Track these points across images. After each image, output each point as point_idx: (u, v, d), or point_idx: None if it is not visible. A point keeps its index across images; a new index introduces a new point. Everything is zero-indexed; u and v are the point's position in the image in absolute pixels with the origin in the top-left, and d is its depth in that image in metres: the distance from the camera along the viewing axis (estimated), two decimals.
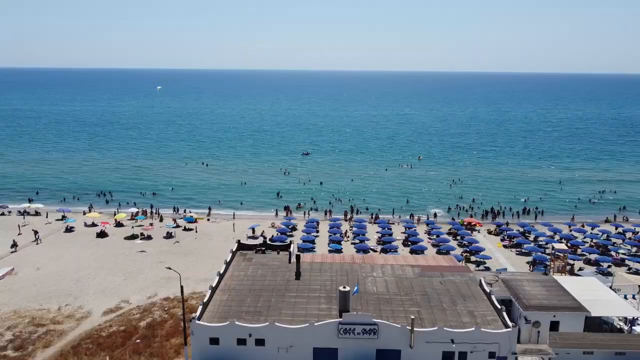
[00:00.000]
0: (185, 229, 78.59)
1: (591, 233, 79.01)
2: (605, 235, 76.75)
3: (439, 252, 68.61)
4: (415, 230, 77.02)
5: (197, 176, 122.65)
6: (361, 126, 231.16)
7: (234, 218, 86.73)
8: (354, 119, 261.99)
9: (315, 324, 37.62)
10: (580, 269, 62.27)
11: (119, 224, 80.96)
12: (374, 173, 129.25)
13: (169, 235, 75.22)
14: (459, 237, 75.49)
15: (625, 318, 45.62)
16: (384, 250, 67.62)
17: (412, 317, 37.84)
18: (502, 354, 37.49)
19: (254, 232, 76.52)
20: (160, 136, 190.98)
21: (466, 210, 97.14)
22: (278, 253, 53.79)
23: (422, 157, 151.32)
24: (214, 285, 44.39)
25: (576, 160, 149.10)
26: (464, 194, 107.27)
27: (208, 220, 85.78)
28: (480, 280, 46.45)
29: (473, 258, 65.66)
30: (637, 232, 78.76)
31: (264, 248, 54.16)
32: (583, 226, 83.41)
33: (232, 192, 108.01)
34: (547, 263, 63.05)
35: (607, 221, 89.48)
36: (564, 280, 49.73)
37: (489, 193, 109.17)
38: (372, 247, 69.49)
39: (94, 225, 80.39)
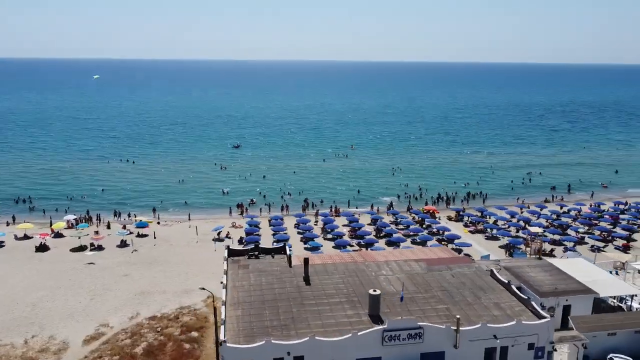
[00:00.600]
0: (139, 236, 71.25)
1: (541, 214, 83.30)
2: (556, 215, 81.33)
3: (414, 243, 68.44)
4: (384, 221, 76.32)
5: (125, 176, 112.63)
6: (283, 117, 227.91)
7: (189, 219, 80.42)
8: (276, 110, 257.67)
9: (359, 333, 34.97)
10: (552, 250, 65.11)
11: (57, 235, 71.47)
12: (313, 164, 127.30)
13: (123, 244, 67.70)
14: (426, 226, 75.91)
15: (620, 297, 47.97)
16: (368, 245, 65.72)
17: (458, 316, 36.49)
18: (540, 344, 37.46)
19: (219, 234, 71.28)
20: (65, 134, 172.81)
21: (416, 198, 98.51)
22: (273, 257, 50.05)
23: (354, 147, 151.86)
24: (225, 300, 39.94)
25: (496, 145, 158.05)
26: (407, 182, 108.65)
27: (158, 223, 78.62)
28: (492, 271, 46.39)
29: (451, 246, 66.17)
30: (581, 210, 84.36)
31: (256, 252, 50.10)
32: (529, 207, 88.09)
33: (171, 192, 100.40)
34: (521, 246, 65.29)
35: (546, 201, 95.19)
36: (556, 263, 51.27)
37: (430, 180, 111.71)
38: (350, 243, 67.62)
39: (26, 237, 70.18)
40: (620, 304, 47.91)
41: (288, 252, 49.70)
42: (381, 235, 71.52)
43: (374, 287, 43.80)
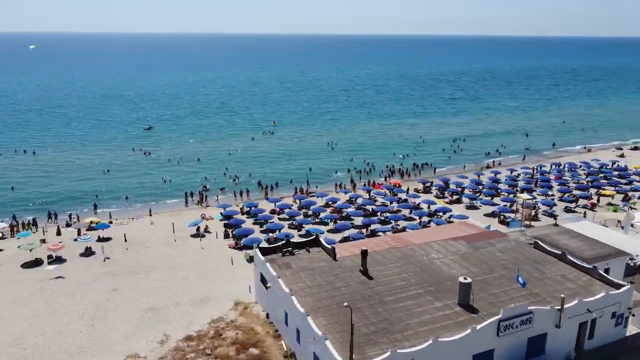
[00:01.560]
0: (100, 240, 60.68)
1: (500, 180, 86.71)
2: (513, 180, 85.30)
3: (407, 220, 67.03)
4: (367, 199, 73.94)
5: (29, 170, 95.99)
6: (180, 94, 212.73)
7: (150, 215, 70.58)
8: (171, 88, 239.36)
9: (477, 327, 32.41)
10: (536, 214, 67.93)
11: None
12: (244, 145, 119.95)
13: (88, 252, 57.06)
14: (403, 200, 74.76)
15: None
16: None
17: (562, 295, 35.53)
18: (621, 312, 38.20)
19: (199, 229, 63.39)
20: None
21: (367, 172, 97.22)
22: (308, 251, 45.19)
23: (275, 122, 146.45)
24: (299, 308, 34.75)
25: (411, 115, 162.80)
26: (351, 157, 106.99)
27: (110, 223, 67.89)
28: (537, 242, 46.41)
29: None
30: (532, 175, 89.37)
31: (290, 248, 44.86)
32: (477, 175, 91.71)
33: (101, 185, 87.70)
34: (509, 214, 67.20)
35: (487, 167, 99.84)
36: (571, 227, 53.05)
37: (370, 153, 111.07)
38: (352, 225, 64.31)
39: None
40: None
41: (325, 244, 45.24)
42: (370, 214, 69.02)
43: (435, 272, 41.52)
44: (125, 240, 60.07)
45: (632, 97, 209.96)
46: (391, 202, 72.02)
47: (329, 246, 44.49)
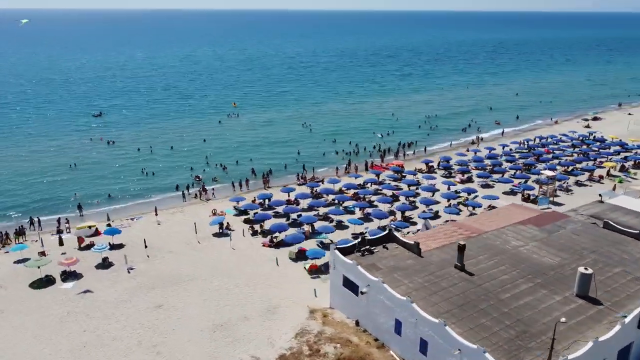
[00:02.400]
0: (111, 248, 53.14)
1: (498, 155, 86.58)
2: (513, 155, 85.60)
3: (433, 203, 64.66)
4: (388, 184, 70.93)
5: None
6: (117, 75, 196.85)
7: (156, 214, 63.16)
8: (105, 69, 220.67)
9: (626, 321, 30.66)
10: (555, 191, 68.14)
11: None
12: (213, 129, 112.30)
13: (106, 264, 49.67)
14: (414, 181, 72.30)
15: None
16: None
17: None
18: None
19: (222, 226, 57.40)
20: None
21: (356, 153, 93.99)
22: (386, 248, 41.61)
23: (236, 104, 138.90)
24: (423, 315, 31.32)
25: (372, 93, 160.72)
26: (334, 138, 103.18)
27: (109, 225, 60.06)
28: (606, 222, 45.72)
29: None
30: (530, 149, 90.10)
31: (368, 247, 41.05)
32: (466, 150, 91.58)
33: (74, 182, 77.99)
34: (533, 191, 66.84)
35: (473, 143, 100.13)
36: (617, 202, 53.24)
37: (350, 134, 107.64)
38: (391, 210, 61.13)
39: None
40: None
41: (402, 239, 41.80)
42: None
43: (528, 261, 39.55)
44: (146, 246, 52.95)
45: (566, 69, 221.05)
46: (410, 186, 69.34)
47: (411, 241, 41.07)
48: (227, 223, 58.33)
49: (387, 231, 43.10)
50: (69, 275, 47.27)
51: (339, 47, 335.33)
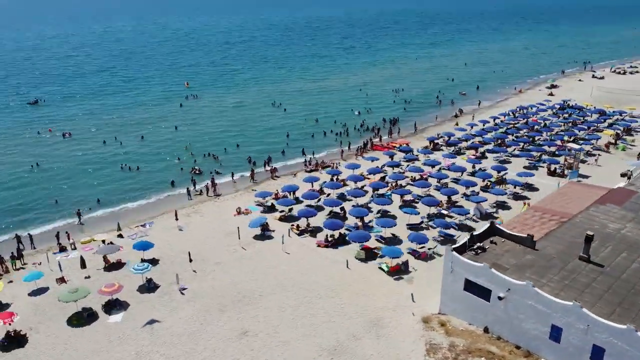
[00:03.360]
0: (147, 263, 45.16)
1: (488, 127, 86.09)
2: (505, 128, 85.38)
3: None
4: (415, 166, 67.27)
5: None
6: (32, 57, 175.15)
7: (177, 219, 55.01)
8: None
9: None
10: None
11: None
12: (177, 113, 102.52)
13: (152, 287, 42.03)
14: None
15: None
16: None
17: None
18: None
19: (263, 227, 51.01)
20: None
21: (346, 133, 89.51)
22: (494, 243, 38.32)
23: (188, 84, 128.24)
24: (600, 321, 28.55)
25: (324, 67, 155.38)
26: (315, 117, 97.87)
27: (120, 236, 51.66)
28: None
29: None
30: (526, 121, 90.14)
31: (479, 244, 37.55)
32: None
33: (45, 186, 67.10)
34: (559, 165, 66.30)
35: (456, 116, 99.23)
36: None
37: (327, 112, 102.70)
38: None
39: None
40: None
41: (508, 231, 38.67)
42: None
43: (629, 243, 37.98)
44: (191, 260, 45.50)
45: (499, 39, 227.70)
46: (433, 166, 66.37)
47: (522, 234, 37.98)
48: (267, 223, 51.90)
49: (488, 225, 39.56)
50: (113, 306, 39.29)
51: (265, 21, 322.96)
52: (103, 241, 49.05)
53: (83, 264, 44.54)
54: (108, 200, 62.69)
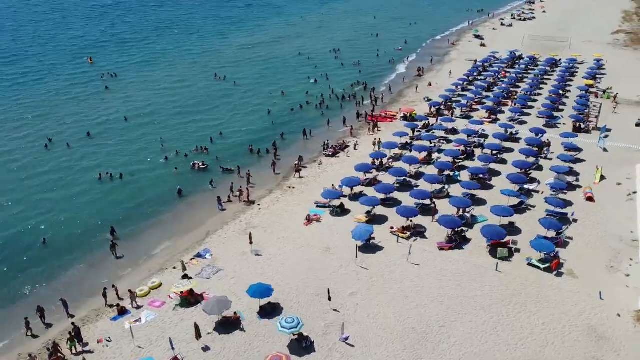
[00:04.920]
0: (264, 315, 35.02)
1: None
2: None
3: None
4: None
5: None
6: None
7: (251, 242, 43.77)
8: None
9: None
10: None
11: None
12: (110, 99, 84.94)
13: (307, 344, 32.52)
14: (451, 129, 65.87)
15: None
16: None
17: None
18: None
19: (370, 238, 42.93)
20: None
21: (318, 105, 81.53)
22: None
23: (92, 59, 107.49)
24: None
25: (242, 30, 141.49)
26: (279, 90, 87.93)
27: (186, 276, 40.17)
28: None
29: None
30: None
31: None
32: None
33: (20, 210, 50.48)
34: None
35: (419, 76, 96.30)
36: None
37: (287, 83, 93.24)
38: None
39: None
40: None
41: None
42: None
43: None
44: (330, 298, 36.16)
45: None
46: (469, 136, 62.54)
47: None
48: (373, 237, 43.61)
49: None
50: None
51: None
52: (181, 293, 37.10)
53: (198, 333, 32.89)
54: (120, 226, 48.56)
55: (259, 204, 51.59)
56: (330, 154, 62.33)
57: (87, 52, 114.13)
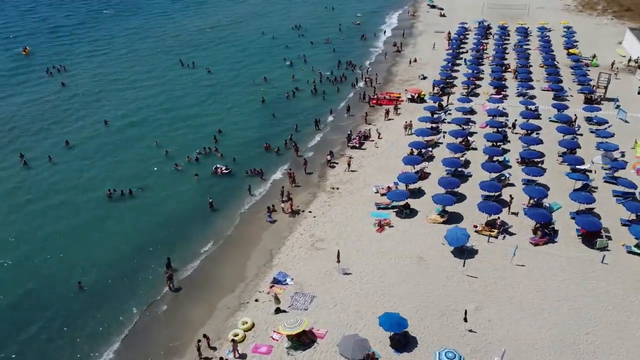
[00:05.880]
0: (399, 349, 31.31)
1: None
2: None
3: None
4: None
5: None
6: None
7: (338, 261, 39.00)
8: None
9: None
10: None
11: None
12: (76, 98, 74.28)
13: None
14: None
15: None
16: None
17: None
18: None
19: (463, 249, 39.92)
20: None
21: (313, 91, 77.12)
22: None
23: (27, 50, 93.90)
24: None
25: (191, 11, 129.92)
26: (241, 73, 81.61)
27: (279, 310, 35.43)
28: None
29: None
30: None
31: None
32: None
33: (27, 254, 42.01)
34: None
35: (397, 49, 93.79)
36: None
37: (264, 67, 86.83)
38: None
39: None
40: None
41: None
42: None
43: None
44: (466, 319, 32.79)
45: None
46: (493, 117, 60.96)
47: None
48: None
49: None
50: None
51: None
52: (297, 338, 32.23)
53: None
54: (152, 252, 41.98)
55: (309, 211, 46.78)
56: (357, 145, 58.16)
57: (19, 42, 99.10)
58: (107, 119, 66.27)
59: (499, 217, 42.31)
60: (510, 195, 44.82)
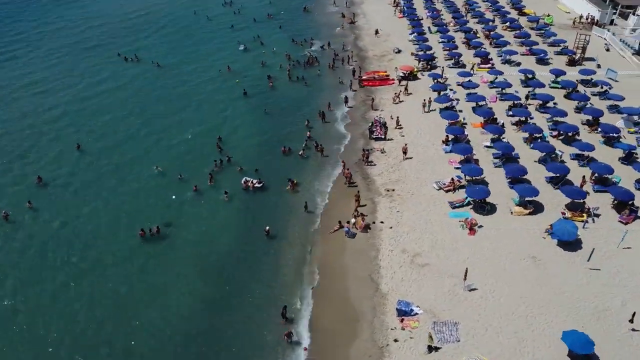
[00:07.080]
0: None
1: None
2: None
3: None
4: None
5: None
6: None
7: (465, 277, 36.06)
8: None
9: None
10: None
11: None
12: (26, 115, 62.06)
13: None
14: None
15: None
16: None
17: None
18: None
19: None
20: None
21: (296, 77, 71.90)
22: None
23: None
24: None
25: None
26: (244, 74, 73.68)
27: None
28: None
29: None
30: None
31: None
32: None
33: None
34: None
35: (351, 23, 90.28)
36: None
37: (203, 58, 78.73)
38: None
39: None
40: None
41: None
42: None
43: None
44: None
45: None
46: (503, 89, 60.52)
47: None
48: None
49: None
50: None
51: None
52: None
53: None
54: (222, 298, 36.31)
55: (381, 221, 43.22)
56: (381, 136, 54.63)
57: None
58: (79, 143, 55.39)
59: (583, 201, 42.09)
60: (584, 176, 44.66)
